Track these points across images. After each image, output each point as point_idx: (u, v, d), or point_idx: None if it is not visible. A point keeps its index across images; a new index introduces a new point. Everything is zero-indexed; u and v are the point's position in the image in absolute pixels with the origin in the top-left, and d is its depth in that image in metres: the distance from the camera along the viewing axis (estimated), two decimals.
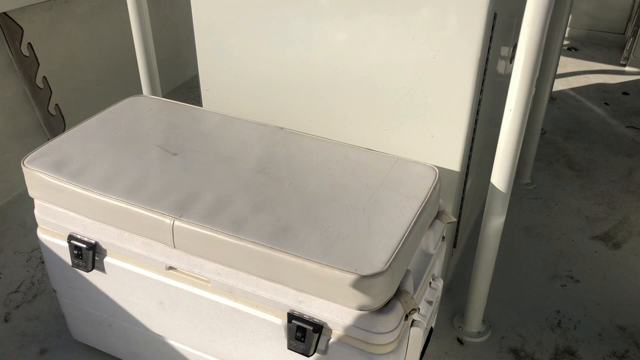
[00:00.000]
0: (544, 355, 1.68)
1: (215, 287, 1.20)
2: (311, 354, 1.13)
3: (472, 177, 1.67)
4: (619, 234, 2.22)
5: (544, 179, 2.55)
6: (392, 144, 1.50)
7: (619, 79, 3.63)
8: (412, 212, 1.18)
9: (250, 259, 1.11)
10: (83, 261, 1.31)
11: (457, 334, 1.74)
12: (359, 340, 1.11)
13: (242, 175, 1.29)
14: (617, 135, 2.96)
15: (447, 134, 1.45)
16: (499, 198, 1.44)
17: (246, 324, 1.21)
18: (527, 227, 2.23)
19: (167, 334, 1.36)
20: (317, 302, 1.10)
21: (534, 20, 1.20)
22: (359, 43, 1.43)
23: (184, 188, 1.23)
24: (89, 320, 1.48)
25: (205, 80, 1.69)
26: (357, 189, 1.24)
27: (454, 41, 1.33)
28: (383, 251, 1.07)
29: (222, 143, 1.40)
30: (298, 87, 1.55)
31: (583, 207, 2.37)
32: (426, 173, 1.30)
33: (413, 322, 1.19)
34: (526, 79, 1.27)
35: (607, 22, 4.08)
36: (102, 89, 2.61)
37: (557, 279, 1.98)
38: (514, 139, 1.35)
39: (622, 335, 1.76)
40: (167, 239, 1.18)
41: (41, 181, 1.27)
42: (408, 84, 1.42)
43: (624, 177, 2.59)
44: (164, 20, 3.03)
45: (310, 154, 1.36)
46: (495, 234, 1.52)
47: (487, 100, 1.52)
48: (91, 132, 1.42)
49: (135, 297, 1.33)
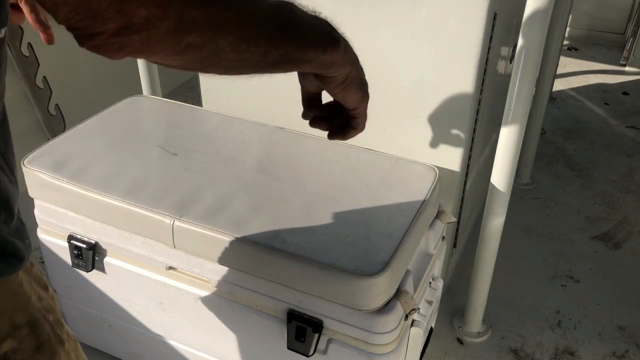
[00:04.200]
0: (544, 355, 1.68)
1: (215, 287, 1.20)
2: (311, 354, 1.13)
3: (472, 177, 1.67)
4: (619, 234, 2.22)
5: (544, 179, 2.55)
6: (392, 144, 1.49)
7: (619, 79, 3.62)
8: (412, 212, 1.18)
9: (250, 259, 1.11)
10: (83, 261, 1.31)
11: (457, 334, 1.74)
12: (359, 340, 1.10)
13: (242, 175, 1.29)
14: (617, 135, 2.96)
15: (447, 134, 1.44)
16: (499, 198, 1.44)
17: (246, 324, 1.21)
18: (527, 227, 2.23)
19: (167, 334, 1.36)
20: (317, 302, 1.10)
21: (534, 20, 1.20)
22: (359, 43, 1.42)
23: (184, 188, 1.23)
24: (89, 320, 1.47)
25: (205, 80, 1.69)
26: (357, 189, 1.24)
27: (454, 41, 1.32)
28: (383, 251, 1.07)
29: (222, 143, 1.40)
30: (298, 87, 1.55)
31: (583, 207, 2.37)
32: (426, 173, 1.30)
33: (413, 322, 1.19)
34: (526, 79, 1.27)
35: (607, 22, 4.07)
36: (102, 89, 2.61)
37: (557, 279, 1.98)
38: (514, 139, 1.35)
39: (622, 335, 1.76)
40: (167, 239, 1.18)
41: (41, 181, 1.27)
42: (408, 84, 1.42)
43: (624, 177, 2.59)
44: None
45: (310, 154, 1.36)
46: (495, 234, 1.52)
47: (487, 100, 1.52)
48: (91, 132, 1.42)
49: (135, 297, 1.33)
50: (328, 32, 0.65)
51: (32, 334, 0.63)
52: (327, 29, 0.65)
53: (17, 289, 0.61)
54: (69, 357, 0.68)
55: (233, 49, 0.54)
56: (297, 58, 0.61)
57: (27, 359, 0.62)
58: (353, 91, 0.73)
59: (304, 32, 0.61)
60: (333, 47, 0.64)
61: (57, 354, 0.65)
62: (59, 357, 0.66)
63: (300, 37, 0.61)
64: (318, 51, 0.63)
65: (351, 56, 0.70)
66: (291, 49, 0.60)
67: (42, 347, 0.64)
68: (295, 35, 0.60)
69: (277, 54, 0.58)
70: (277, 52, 0.58)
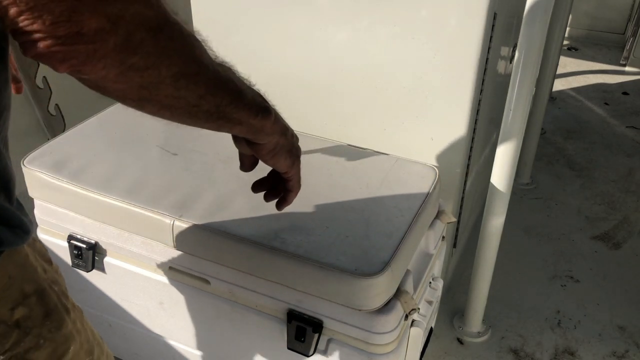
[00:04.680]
0: (544, 355, 1.68)
1: (215, 287, 1.20)
2: (311, 354, 1.13)
3: (472, 177, 1.67)
4: (619, 234, 2.22)
5: (544, 179, 2.55)
6: (392, 144, 1.49)
7: (619, 79, 3.63)
8: (412, 212, 1.18)
9: (250, 259, 1.11)
10: (83, 261, 1.31)
11: (457, 334, 1.74)
12: (359, 340, 1.10)
13: (242, 175, 1.28)
14: (617, 135, 2.96)
15: (447, 134, 1.44)
16: (499, 198, 1.44)
17: (246, 324, 1.21)
18: (527, 227, 2.23)
19: (167, 334, 1.36)
20: (317, 302, 1.10)
21: (534, 20, 1.20)
22: (359, 43, 1.42)
23: (184, 188, 1.23)
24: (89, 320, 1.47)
25: None
26: (357, 189, 1.24)
27: (454, 41, 1.32)
28: (383, 251, 1.07)
29: (222, 143, 1.39)
30: (298, 87, 1.55)
31: (583, 207, 2.37)
32: (426, 173, 1.30)
33: (413, 322, 1.19)
34: (526, 79, 1.27)
35: (607, 22, 4.08)
36: None
37: (557, 279, 1.98)
38: (514, 139, 1.35)
39: (622, 335, 1.76)
40: (167, 239, 1.18)
41: (41, 181, 1.27)
42: (408, 84, 1.42)
43: (624, 177, 2.59)
44: None
45: (310, 154, 1.36)
46: (495, 234, 1.52)
47: (487, 100, 1.52)
48: (91, 132, 1.42)
49: (135, 297, 1.33)
50: (261, 101, 0.72)
51: (41, 302, 0.66)
52: (260, 98, 0.72)
53: (24, 261, 0.65)
54: (75, 325, 0.73)
55: (173, 82, 0.56)
56: (229, 115, 0.66)
57: (37, 326, 0.66)
58: (282, 158, 0.81)
59: (240, 91, 0.67)
60: (264, 114, 0.71)
61: (64, 322, 0.70)
62: (66, 325, 0.70)
63: (236, 94, 0.66)
64: (250, 114, 0.69)
65: (280, 126, 0.78)
66: (226, 101, 0.64)
67: (50, 314, 0.67)
68: (232, 90, 0.65)
69: (213, 102, 0.62)
70: (212, 100, 0.62)
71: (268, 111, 0.72)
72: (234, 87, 0.66)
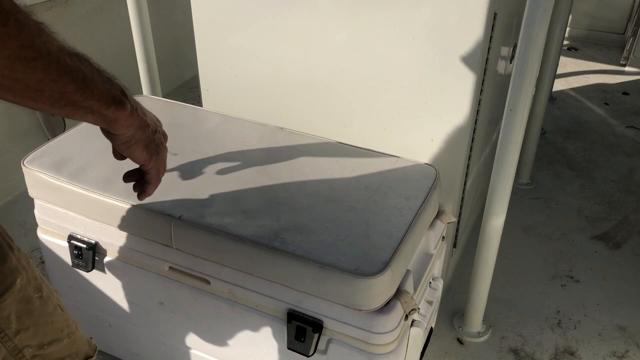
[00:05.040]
0: (544, 355, 1.68)
1: (215, 287, 1.20)
2: (311, 354, 1.13)
3: (472, 177, 1.67)
4: (619, 234, 2.22)
5: (544, 179, 2.55)
6: (392, 144, 1.50)
7: (619, 79, 3.63)
8: (412, 212, 1.18)
9: (250, 259, 1.11)
10: (83, 261, 1.31)
11: (457, 334, 1.74)
12: (359, 340, 1.11)
13: (242, 175, 1.29)
14: (617, 135, 2.97)
15: (447, 134, 1.45)
16: (499, 198, 1.44)
17: (246, 324, 1.21)
18: (527, 227, 2.23)
19: (167, 334, 1.36)
20: (317, 302, 1.10)
21: (534, 20, 1.20)
22: (359, 43, 1.43)
23: (184, 188, 1.23)
24: (89, 320, 1.47)
25: (205, 80, 1.69)
26: (357, 189, 1.24)
27: (454, 41, 1.32)
28: (383, 251, 1.07)
29: (222, 143, 1.40)
30: (298, 87, 1.55)
31: (583, 207, 2.37)
32: (426, 173, 1.30)
33: (413, 322, 1.19)
34: (526, 79, 1.27)
35: (607, 22, 4.08)
36: None
37: (557, 279, 1.98)
38: (514, 139, 1.35)
39: (622, 335, 1.76)
40: (167, 239, 1.18)
41: (41, 181, 1.27)
42: (408, 84, 1.42)
43: (624, 177, 2.60)
44: (164, 20, 3.02)
45: (310, 154, 1.36)
46: (495, 234, 1.52)
47: (487, 100, 1.52)
48: (91, 132, 1.42)
49: (135, 297, 1.33)
50: (116, 94, 0.74)
51: None
52: (117, 90, 0.74)
53: None
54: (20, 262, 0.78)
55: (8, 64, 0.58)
56: (79, 103, 0.68)
57: None
58: (138, 151, 0.86)
59: (90, 81, 0.68)
60: (118, 106, 0.74)
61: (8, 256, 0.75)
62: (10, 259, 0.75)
63: (83, 84, 0.67)
64: (101, 104, 0.71)
65: (138, 120, 0.81)
66: (71, 89, 0.66)
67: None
68: (79, 79, 0.66)
69: (56, 89, 0.64)
70: (54, 86, 0.63)
71: (122, 103, 0.75)
72: (82, 77, 0.67)
